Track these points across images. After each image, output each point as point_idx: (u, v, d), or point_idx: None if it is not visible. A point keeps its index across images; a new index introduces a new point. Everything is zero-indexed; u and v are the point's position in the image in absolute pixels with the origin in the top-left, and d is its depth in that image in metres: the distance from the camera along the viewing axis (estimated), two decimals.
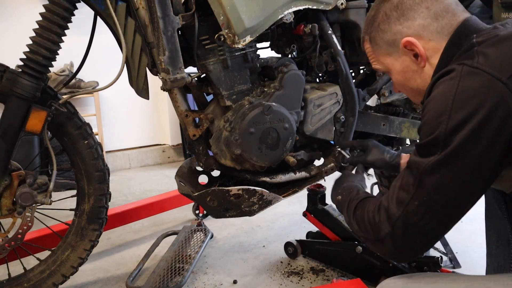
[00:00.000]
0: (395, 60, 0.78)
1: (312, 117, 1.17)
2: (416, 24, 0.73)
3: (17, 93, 1.01)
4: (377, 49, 0.80)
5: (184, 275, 1.31)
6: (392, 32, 0.75)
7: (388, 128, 1.32)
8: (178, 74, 1.03)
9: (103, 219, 1.22)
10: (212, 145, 1.12)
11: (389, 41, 0.76)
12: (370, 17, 0.80)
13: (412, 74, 0.77)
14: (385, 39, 0.77)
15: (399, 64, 0.77)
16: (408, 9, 0.73)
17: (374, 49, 0.80)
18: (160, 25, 0.98)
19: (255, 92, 1.14)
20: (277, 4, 1.04)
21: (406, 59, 0.76)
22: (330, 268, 1.41)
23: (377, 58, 0.81)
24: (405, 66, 0.77)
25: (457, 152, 0.62)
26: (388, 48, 0.77)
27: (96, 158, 1.16)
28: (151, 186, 2.46)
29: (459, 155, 0.62)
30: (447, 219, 0.67)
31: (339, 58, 1.15)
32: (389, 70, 0.81)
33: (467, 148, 0.61)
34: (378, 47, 0.79)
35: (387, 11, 0.75)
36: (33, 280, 1.18)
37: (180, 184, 1.22)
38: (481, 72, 0.62)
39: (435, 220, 0.66)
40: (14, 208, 1.08)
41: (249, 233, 1.73)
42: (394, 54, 0.77)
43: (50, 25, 1.02)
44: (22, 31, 1.24)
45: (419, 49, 0.73)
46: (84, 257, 1.21)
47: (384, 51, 0.78)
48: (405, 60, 0.76)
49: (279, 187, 1.22)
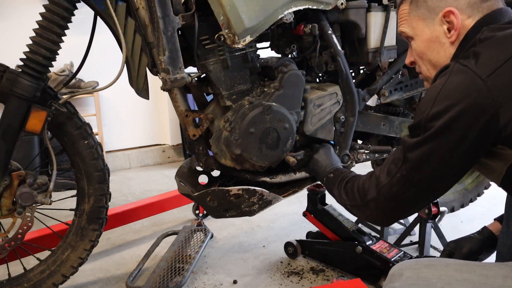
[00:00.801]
0: (427, 27, 0.80)
1: (312, 117, 1.17)
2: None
3: (17, 93, 1.01)
4: (414, 11, 0.81)
5: (184, 275, 1.31)
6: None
7: (388, 128, 1.32)
8: (178, 74, 1.03)
9: (103, 219, 1.22)
10: (212, 145, 1.12)
11: (431, 6, 0.78)
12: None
13: (438, 46, 0.79)
14: (428, 4, 0.79)
15: (429, 32, 0.79)
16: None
17: (412, 10, 0.82)
18: (160, 25, 0.98)
19: (255, 92, 1.14)
20: (277, 4, 1.04)
21: (439, 29, 0.78)
22: (330, 268, 1.41)
23: (409, 20, 0.82)
24: (434, 36, 0.79)
25: (434, 136, 0.70)
26: (426, 13, 0.79)
27: (96, 158, 1.16)
28: (151, 186, 2.46)
29: (436, 139, 0.70)
30: (422, 193, 0.76)
31: (339, 58, 1.15)
32: (415, 36, 0.82)
33: (444, 134, 0.69)
34: (416, 9, 0.81)
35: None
36: (33, 280, 1.18)
37: (180, 184, 1.22)
38: (467, 70, 0.69)
39: (412, 191, 0.75)
40: (14, 208, 1.08)
41: (249, 233, 1.73)
42: (428, 21, 0.79)
43: (50, 25, 1.02)
44: (22, 31, 1.24)
45: (457, 22, 0.76)
46: (84, 257, 1.21)
47: (421, 14, 0.80)
48: (437, 30, 0.78)
49: (279, 187, 1.22)
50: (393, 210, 0.79)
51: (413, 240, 1.56)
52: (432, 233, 1.41)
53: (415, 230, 1.58)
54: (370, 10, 1.19)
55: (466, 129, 0.67)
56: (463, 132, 0.68)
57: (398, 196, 0.77)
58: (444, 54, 0.79)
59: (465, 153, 0.70)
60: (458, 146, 0.69)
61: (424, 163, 0.72)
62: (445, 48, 0.78)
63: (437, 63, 0.81)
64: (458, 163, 0.71)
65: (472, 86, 0.67)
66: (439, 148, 0.70)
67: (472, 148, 0.69)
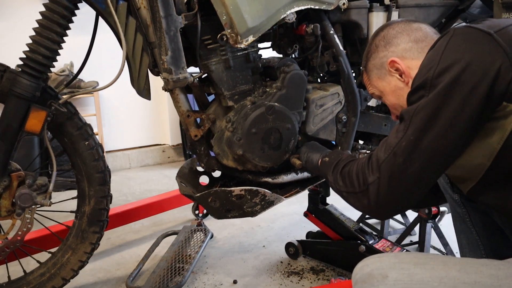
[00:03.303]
0: (386, 82, 0.87)
1: (314, 117, 1.17)
2: (400, 48, 0.84)
3: (16, 93, 1.00)
4: (370, 75, 0.90)
5: (184, 275, 1.31)
6: (379, 57, 0.87)
7: (390, 128, 1.32)
8: (181, 74, 1.02)
9: (103, 222, 1.21)
10: (214, 145, 1.11)
11: (377, 65, 0.88)
12: (365, 52, 0.91)
13: (401, 92, 0.85)
14: (375, 64, 0.88)
15: (388, 85, 0.87)
16: (392, 38, 0.85)
17: (369, 76, 0.91)
18: (162, 25, 0.98)
19: (257, 92, 1.13)
20: (279, 4, 1.03)
21: (393, 79, 0.86)
22: (330, 268, 1.41)
23: (371, 83, 0.91)
24: (393, 85, 0.86)
25: (443, 91, 0.66)
26: (378, 71, 0.88)
27: (97, 160, 1.15)
28: (151, 186, 2.45)
29: (446, 95, 0.66)
30: (429, 165, 0.69)
31: (341, 58, 1.15)
32: (383, 93, 0.90)
33: (454, 88, 0.65)
34: (371, 73, 0.90)
35: (376, 42, 0.88)
36: (33, 283, 1.17)
37: (181, 185, 1.22)
38: (472, 29, 0.68)
39: (419, 163, 0.69)
40: (13, 210, 1.07)
41: (249, 233, 1.73)
42: (384, 77, 0.87)
43: (50, 24, 1.01)
44: (23, 31, 1.23)
45: (401, 67, 0.83)
46: (84, 260, 1.20)
47: (375, 75, 0.89)
48: (392, 80, 0.86)
49: (281, 187, 1.21)
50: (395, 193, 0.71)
51: (413, 240, 1.56)
52: (432, 233, 1.41)
53: (415, 230, 1.58)
54: (372, 10, 1.18)
55: (477, 81, 0.64)
56: (474, 83, 0.64)
57: (402, 172, 0.69)
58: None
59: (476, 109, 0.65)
60: (469, 100, 0.64)
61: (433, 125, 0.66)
62: (406, 90, 0.80)
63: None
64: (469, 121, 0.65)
65: (480, 38, 0.66)
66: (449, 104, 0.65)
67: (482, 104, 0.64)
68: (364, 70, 0.93)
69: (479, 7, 1.49)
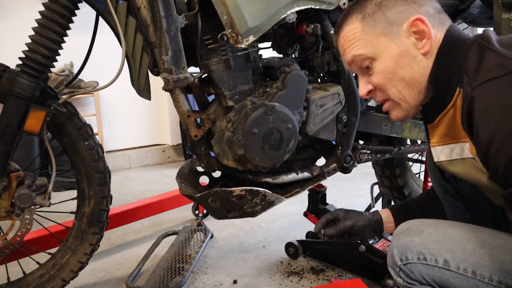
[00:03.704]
0: (392, 41, 0.71)
1: (314, 117, 1.16)
2: (423, 9, 0.71)
3: (15, 92, 0.99)
4: (370, 28, 0.72)
5: (184, 275, 1.31)
6: (397, 10, 0.70)
7: (390, 128, 1.32)
8: (181, 74, 1.02)
9: (103, 222, 1.21)
10: (214, 145, 1.11)
11: (391, 18, 0.70)
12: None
13: (410, 60, 0.71)
14: (388, 16, 0.70)
15: (396, 46, 0.70)
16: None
17: (367, 27, 0.72)
18: (163, 25, 0.98)
19: (257, 92, 1.13)
20: (280, 4, 1.03)
21: (406, 41, 0.70)
22: (330, 268, 1.41)
23: (365, 39, 0.72)
24: (403, 49, 0.70)
25: None
26: (387, 27, 0.70)
27: (97, 160, 1.15)
28: (151, 186, 2.45)
29: None
30: None
31: (341, 58, 1.15)
32: (378, 55, 0.72)
33: None
34: (373, 25, 0.71)
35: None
36: (32, 284, 1.17)
37: (181, 185, 1.22)
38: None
39: None
40: (12, 210, 1.07)
41: (249, 233, 1.72)
42: (392, 35, 0.70)
43: (49, 24, 1.00)
44: (23, 31, 1.22)
45: (429, 29, 0.69)
46: (84, 261, 1.19)
47: (381, 30, 0.71)
48: (405, 42, 0.70)
49: (282, 187, 1.21)
50: None
51: None
52: None
53: None
54: None
55: None
56: None
57: None
58: (418, 69, 0.71)
59: None
60: None
61: None
62: (418, 61, 0.70)
63: (412, 80, 0.72)
64: None
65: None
66: None
67: None
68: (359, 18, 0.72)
69: (479, 7, 1.49)
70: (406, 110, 0.76)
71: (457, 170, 0.75)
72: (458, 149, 0.73)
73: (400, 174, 1.67)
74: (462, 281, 0.70)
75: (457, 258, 0.71)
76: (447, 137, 0.74)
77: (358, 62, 0.75)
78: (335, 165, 1.23)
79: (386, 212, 0.99)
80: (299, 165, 1.25)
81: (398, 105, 0.76)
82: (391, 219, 0.98)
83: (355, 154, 1.26)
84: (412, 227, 0.77)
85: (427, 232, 0.74)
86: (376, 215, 0.98)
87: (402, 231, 0.78)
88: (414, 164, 1.77)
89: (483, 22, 1.55)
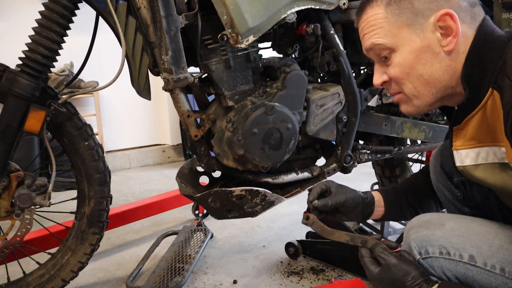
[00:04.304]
0: (415, 34, 0.66)
1: (314, 117, 1.16)
2: (455, 1, 0.65)
3: (15, 92, 0.99)
4: (395, 15, 0.67)
5: (184, 275, 1.31)
6: (427, 1, 0.65)
7: (390, 128, 1.32)
8: (181, 74, 1.02)
9: (103, 223, 1.21)
10: (214, 145, 1.11)
11: (418, 9, 0.65)
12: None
13: (431, 57, 0.66)
14: (415, 6, 0.65)
15: (418, 40, 0.66)
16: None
17: (391, 14, 0.67)
18: (163, 25, 0.98)
19: (257, 92, 1.13)
20: (280, 4, 1.03)
21: (430, 36, 0.65)
22: (330, 268, 1.41)
23: (387, 28, 0.67)
24: (425, 44, 0.65)
25: None
26: (413, 17, 0.65)
27: (97, 160, 1.15)
28: (151, 186, 2.45)
29: None
30: None
31: (341, 58, 1.15)
32: (398, 47, 0.67)
33: None
34: (398, 14, 0.66)
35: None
36: (32, 284, 1.17)
37: (181, 185, 1.22)
38: None
39: None
40: (12, 210, 1.07)
41: (249, 233, 1.72)
42: (416, 27, 0.66)
43: (49, 23, 1.00)
44: (23, 31, 1.22)
45: (457, 27, 0.64)
46: (84, 261, 1.19)
47: (406, 20, 0.66)
48: (429, 37, 0.65)
49: (282, 187, 1.21)
50: None
51: None
52: None
53: None
54: None
55: None
56: None
57: None
58: (439, 67, 0.67)
59: None
60: None
61: None
62: (440, 59, 0.66)
63: (431, 77, 0.67)
64: None
65: None
66: None
67: None
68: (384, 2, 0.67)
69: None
70: (417, 106, 0.72)
71: (483, 175, 0.70)
72: (484, 153, 0.68)
73: (400, 174, 1.67)
74: (489, 278, 0.66)
75: (483, 254, 0.67)
76: (474, 140, 0.69)
77: (377, 50, 0.71)
78: (335, 165, 1.23)
79: (378, 196, 0.93)
80: (299, 165, 1.25)
81: (410, 100, 0.72)
82: (381, 203, 0.92)
83: (355, 154, 1.26)
84: (431, 220, 0.72)
85: (448, 226, 0.69)
86: (369, 196, 0.91)
87: (421, 223, 0.73)
88: (414, 164, 1.77)
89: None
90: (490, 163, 0.69)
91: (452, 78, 0.68)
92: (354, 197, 0.89)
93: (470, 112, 0.68)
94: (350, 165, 1.24)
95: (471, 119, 0.68)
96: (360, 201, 0.90)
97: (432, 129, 1.37)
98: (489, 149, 0.68)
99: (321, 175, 1.22)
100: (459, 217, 0.74)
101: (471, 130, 0.69)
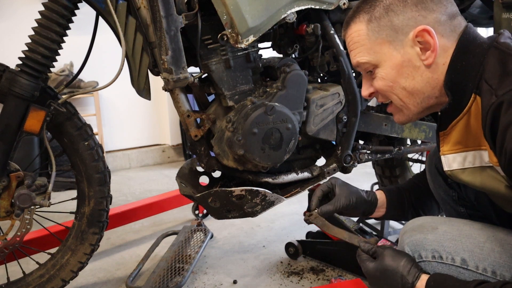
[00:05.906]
0: (396, 50, 0.69)
1: (314, 117, 1.16)
2: (433, 16, 0.67)
3: (15, 92, 1.00)
4: (375, 34, 0.70)
5: (184, 275, 1.31)
6: (405, 17, 0.67)
7: (390, 128, 1.32)
8: (181, 74, 1.02)
9: (103, 223, 1.21)
10: (214, 145, 1.11)
11: (397, 26, 0.68)
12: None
13: (412, 71, 0.69)
14: (394, 23, 0.68)
15: (399, 55, 0.69)
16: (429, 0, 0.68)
17: (371, 32, 0.70)
18: (163, 25, 0.98)
19: (257, 92, 1.13)
20: (280, 4, 1.03)
21: (410, 51, 0.68)
22: (330, 268, 1.41)
23: (369, 46, 0.71)
24: (406, 59, 0.69)
25: None
26: (393, 34, 0.68)
27: (97, 160, 1.15)
28: (151, 186, 2.45)
29: None
30: None
31: (342, 58, 1.15)
32: (380, 63, 0.71)
33: None
34: (378, 31, 0.69)
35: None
36: (32, 284, 1.17)
37: (181, 185, 1.22)
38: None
39: None
40: (12, 210, 1.07)
41: (249, 233, 1.72)
42: (396, 43, 0.69)
43: (49, 23, 1.00)
44: (23, 31, 1.22)
45: (434, 42, 0.67)
46: (84, 261, 1.19)
47: (386, 37, 0.69)
48: (409, 52, 0.68)
49: (282, 187, 1.21)
50: None
51: None
52: None
53: None
54: None
55: None
56: None
57: None
58: (421, 79, 0.70)
59: None
60: None
61: None
62: (421, 72, 0.69)
63: (414, 89, 0.71)
64: None
65: None
66: None
67: None
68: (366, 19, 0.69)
69: (479, 7, 1.49)
70: (408, 115, 0.76)
71: (470, 179, 0.72)
72: (470, 157, 0.70)
73: (400, 174, 1.67)
74: None
75: (475, 257, 0.69)
76: (460, 145, 0.71)
77: (362, 67, 0.75)
78: (335, 165, 1.23)
79: (381, 195, 0.95)
80: (299, 165, 1.25)
81: (400, 110, 0.76)
82: (384, 203, 0.94)
83: (355, 154, 1.26)
84: (424, 223, 0.74)
85: (441, 230, 0.71)
86: (372, 197, 0.93)
87: (414, 227, 0.75)
88: (414, 164, 1.77)
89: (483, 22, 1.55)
90: (477, 166, 0.70)
91: (435, 88, 0.71)
92: (357, 199, 0.91)
93: (455, 117, 0.70)
94: (350, 165, 1.24)
95: (456, 125, 0.71)
96: (362, 202, 0.92)
97: (432, 129, 1.37)
98: (475, 153, 0.70)
99: (321, 175, 1.22)
100: (452, 220, 0.76)
101: (457, 135, 0.72)
